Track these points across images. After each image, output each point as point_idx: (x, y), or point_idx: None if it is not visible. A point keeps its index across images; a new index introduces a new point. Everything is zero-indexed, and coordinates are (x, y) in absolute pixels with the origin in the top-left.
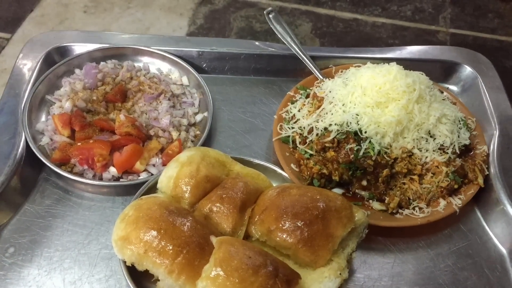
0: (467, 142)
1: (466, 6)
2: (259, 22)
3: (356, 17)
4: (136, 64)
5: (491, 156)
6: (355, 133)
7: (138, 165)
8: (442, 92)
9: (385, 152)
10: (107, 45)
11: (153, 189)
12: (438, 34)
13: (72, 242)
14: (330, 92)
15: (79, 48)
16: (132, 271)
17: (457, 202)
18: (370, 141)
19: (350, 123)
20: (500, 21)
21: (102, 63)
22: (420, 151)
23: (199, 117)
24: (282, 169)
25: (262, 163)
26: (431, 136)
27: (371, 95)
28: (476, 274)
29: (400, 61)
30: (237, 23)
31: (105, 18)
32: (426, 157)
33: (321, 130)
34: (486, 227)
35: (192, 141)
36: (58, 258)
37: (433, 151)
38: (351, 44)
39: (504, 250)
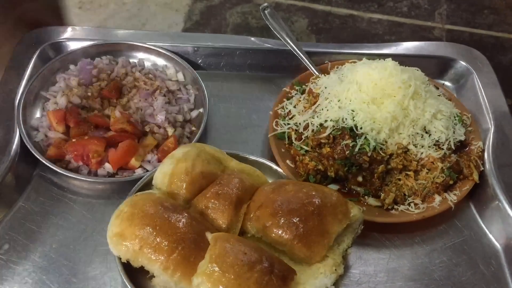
0: (462, 138)
1: (462, 2)
2: (255, 18)
3: (352, 13)
4: (131, 60)
5: (486, 152)
6: (351, 129)
7: (133, 162)
8: (437, 88)
9: (381, 148)
10: (102, 41)
11: (148, 185)
12: (434, 30)
13: (67, 238)
14: (325, 88)
15: (74, 44)
16: (127, 267)
17: (452, 198)
18: (365, 137)
19: (346, 119)
20: (496, 17)
21: (97, 59)
22: (416, 147)
23: (194, 113)
24: (277, 165)
25: (257, 159)
26: (426, 132)
27: (366, 91)
28: (471, 269)
29: (395, 57)
30: (233, 19)
31: (101, 14)
32: (422, 153)
33: (317, 126)
34: (481, 223)
35: (187, 138)
36: (53, 254)
37: (429, 147)
38: (347, 40)
39: (498, 246)
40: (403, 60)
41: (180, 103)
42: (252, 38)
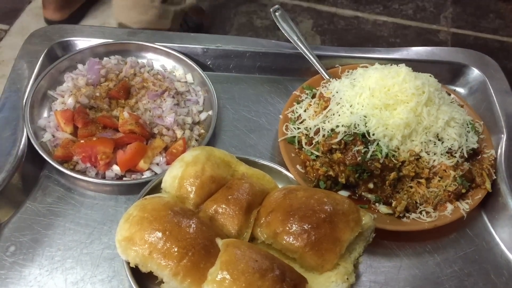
0: (475, 146)
1: (467, 6)
2: (260, 18)
3: (357, 15)
4: (140, 61)
5: (499, 160)
6: (363, 135)
7: (141, 164)
8: (449, 95)
9: (393, 155)
10: (111, 40)
11: (157, 188)
12: (439, 34)
13: (74, 241)
14: (337, 92)
15: (82, 43)
16: (135, 272)
17: (464, 206)
18: (377, 144)
19: (358, 125)
20: (501, 21)
21: (105, 58)
22: (428, 154)
23: (203, 116)
24: (287, 170)
25: (267, 163)
26: (439, 140)
27: (379, 97)
28: (483, 280)
29: (406, 62)
30: (237, 18)
31: (104, 11)
32: (434, 160)
33: (328, 131)
34: (493, 232)
35: (196, 140)
36: (60, 257)
37: (441, 154)
38: (352, 42)
39: (511, 256)
40: (414, 65)
41: (189, 105)
42: (262, 40)
